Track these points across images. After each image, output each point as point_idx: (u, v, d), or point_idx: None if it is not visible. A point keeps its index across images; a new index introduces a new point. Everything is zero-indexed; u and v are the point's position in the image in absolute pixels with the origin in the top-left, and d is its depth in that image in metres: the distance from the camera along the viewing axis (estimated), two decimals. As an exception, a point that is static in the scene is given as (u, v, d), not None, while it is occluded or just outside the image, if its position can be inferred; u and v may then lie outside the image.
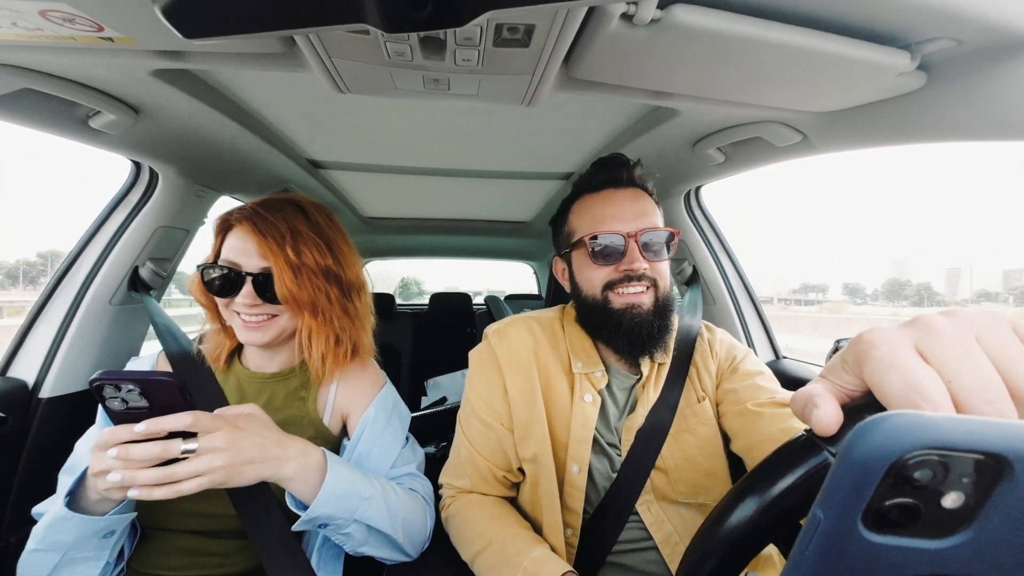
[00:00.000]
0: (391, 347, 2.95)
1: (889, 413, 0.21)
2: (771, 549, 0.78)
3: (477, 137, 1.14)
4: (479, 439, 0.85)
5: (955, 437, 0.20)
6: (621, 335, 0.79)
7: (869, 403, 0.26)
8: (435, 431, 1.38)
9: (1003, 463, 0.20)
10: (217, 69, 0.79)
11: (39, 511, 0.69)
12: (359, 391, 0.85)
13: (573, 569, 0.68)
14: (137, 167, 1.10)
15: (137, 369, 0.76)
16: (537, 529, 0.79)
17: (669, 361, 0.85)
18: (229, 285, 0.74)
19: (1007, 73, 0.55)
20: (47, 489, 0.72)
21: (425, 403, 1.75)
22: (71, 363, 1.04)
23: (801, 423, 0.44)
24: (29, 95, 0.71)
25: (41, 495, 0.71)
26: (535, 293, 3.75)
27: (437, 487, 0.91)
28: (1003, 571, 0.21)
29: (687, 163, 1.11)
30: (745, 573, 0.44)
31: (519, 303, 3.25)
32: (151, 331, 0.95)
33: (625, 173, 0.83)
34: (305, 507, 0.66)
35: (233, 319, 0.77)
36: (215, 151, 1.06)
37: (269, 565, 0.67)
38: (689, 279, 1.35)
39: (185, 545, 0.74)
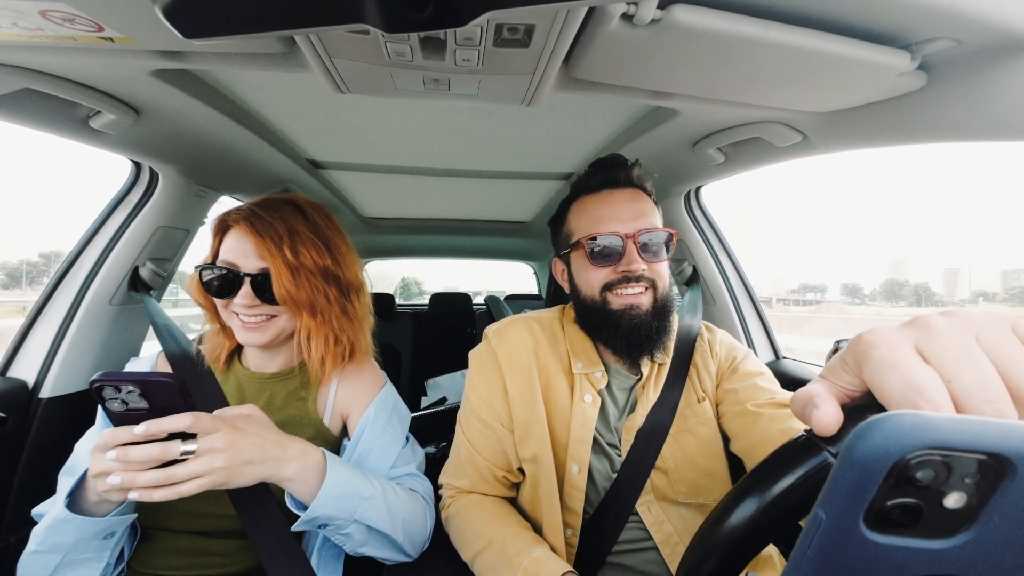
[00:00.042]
0: (391, 347, 2.95)
1: (892, 413, 0.21)
2: (771, 549, 0.78)
3: (477, 137, 1.14)
4: (479, 439, 0.85)
5: (958, 437, 0.20)
6: (620, 336, 0.79)
7: (869, 403, 0.26)
8: (435, 431, 1.38)
9: (1005, 463, 0.20)
10: (217, 69, 0.79)
11: (39, 512, 0.69)
12: (359, 391, 0.84)
13: (573, 569, 0.68)
14: (137, 167, 1.10)
15: (137, 370, 0.76)
16: (537, 529, 0.79)
17: (669, 361, 0.85)
18: (227, 286, 0.74)
19: (1007, 73, 0.55)
20: (47, 489, 0.72)
21: (425, 403, 1.75)
22: (71, 363, 1.04)
23: (801, 423, 0.44)
24: (29, 95, 0.71)
25: (41, 495, 0.71)
26: (535, 293, 3.74)
27: (437, 487, 0.91)
28: (1005, 571, 0.21)
29: (687, 163, 1.11)
30: (745, 573, 0.44)
31: (519, 303, 3.25)
32: (151, 331, 0.95)
33: (623, 173, 0.82)
34: (305, 507, 0.66)
35: (232, 320, 0.76)
36: (215, 151, 1.06)
37: (269, 565, 0.67)
38: (689, 279, 1.35)
39: (185, 545, 0.74)
